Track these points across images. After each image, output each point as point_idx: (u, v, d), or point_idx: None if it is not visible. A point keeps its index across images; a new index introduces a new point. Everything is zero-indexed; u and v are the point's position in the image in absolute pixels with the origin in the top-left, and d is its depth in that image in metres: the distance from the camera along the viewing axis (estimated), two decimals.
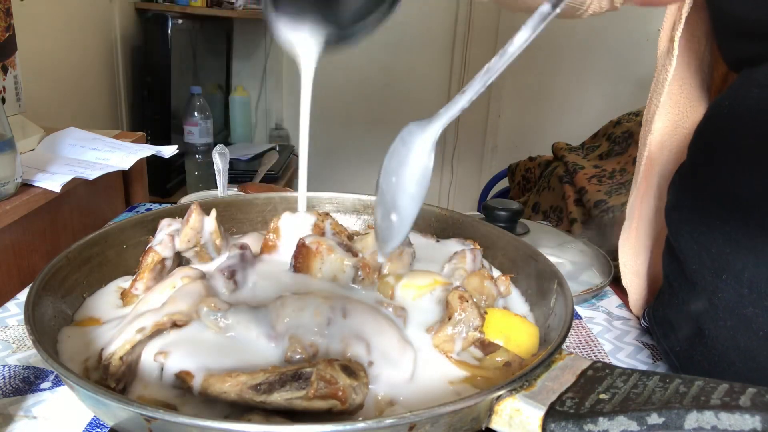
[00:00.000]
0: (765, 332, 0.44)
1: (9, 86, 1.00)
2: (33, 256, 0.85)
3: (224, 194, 0.94)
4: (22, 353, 0.54)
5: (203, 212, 0.55)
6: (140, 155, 1.01)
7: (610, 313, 0.69)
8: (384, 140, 1.16)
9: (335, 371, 0.38)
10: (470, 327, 0.47)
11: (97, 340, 0.47)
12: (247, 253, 0.54)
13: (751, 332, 0.44)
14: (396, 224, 0.38)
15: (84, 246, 0.55)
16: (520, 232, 0.80)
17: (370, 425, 0.33)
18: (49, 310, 0.48)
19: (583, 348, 0.61)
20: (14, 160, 0.77)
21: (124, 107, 2.00)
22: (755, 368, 0.45)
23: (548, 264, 0.55)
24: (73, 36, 1.70)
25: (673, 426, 0.33)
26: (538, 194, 2.25)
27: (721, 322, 0.47)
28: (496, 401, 0.38)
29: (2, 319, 0.59)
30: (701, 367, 0.50)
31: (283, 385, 0.38)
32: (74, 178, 0.87)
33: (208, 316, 0.44)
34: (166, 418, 0.33)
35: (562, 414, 0.36)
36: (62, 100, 1.63)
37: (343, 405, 0.37)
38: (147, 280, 0.53)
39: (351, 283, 0.52)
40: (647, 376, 0.39)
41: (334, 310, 0.45)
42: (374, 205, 0.43)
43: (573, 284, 0.69)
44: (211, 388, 0.39)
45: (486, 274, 0.55)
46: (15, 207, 0.77)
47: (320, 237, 0.54)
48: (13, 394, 0.48)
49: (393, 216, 0.38)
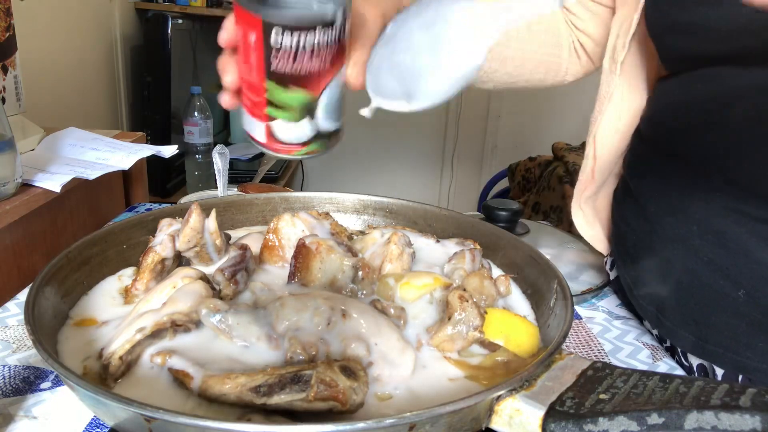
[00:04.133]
0: (708, 257, 0.56)
1: (9, 86, 1.00)
2: (33, 256, 0.85)
3: (224, 194, 0.94)
4: (22, 353, 0.54)
5: (203, 212, 0.55)
6: (140, 155, 1.01)
7: (610, 313, 0.69)
8: (384, 140, 1.18)
9: (335, 373, 0.38)
10: (470, 327, 0.47)
11: (97, 340, 0.47)
12: (248, 254, 0.54)
13: (697, 257, 0.57)
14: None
15: (84, 246, 0.55)
16: (520, 232, 0.80)
17: (370, 425, 0.33)
18: (49, 310, 0.48)
19: (583, 348, 0.61)
20: (14, 160, 0.77)
21: (124, 107, 2.00)
22: (699, 285, 0.56)
23: (548, 264, 0.55)
24: (73, 36, 1.70)
25: (673, 426, 0.33)
26: (538, 194, 2.25)
27: (674, 250, 0.59)
28: (496, 401, 0.38)
29: (2, 319, 0.59)
30: (652, 284, 0.61)
31: (282, 388, 0.38)
32: (74, 178, 0.87)
33: (208, 317, 0.44)
34: (166, 418, 0.33)
35: (562, 414, 0.36)
36: (62, 100, 1.63)
37: (344, 407, 0.37)
38: (147, 280, 0.53)
39: (351, 283, 0.52)
40: (647, 376, 0.39)
41: (334, 310, 0.45)
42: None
43: (573, 284, 0.69)
44: (210, 389, 0.39)
45: (486, 274, 0.55)
46: (15, 207, 0.77)
47: (320, 237, 0.54)
48: (13, 394, 0.48)
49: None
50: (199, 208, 0.54)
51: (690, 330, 0.57)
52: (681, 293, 0.58)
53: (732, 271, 0.54)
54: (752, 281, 0.53)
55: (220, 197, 0.81)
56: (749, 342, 0.53)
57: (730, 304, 0.54)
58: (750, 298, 0.53)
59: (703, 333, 0.56)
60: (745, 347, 0.53)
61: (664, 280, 0.60)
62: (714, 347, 0.56)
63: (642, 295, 0.63)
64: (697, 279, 0.57)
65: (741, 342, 0.54)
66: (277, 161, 2.31)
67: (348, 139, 0.48)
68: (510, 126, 2.98)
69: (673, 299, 0.59)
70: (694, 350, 0.58)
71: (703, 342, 0.56)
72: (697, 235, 0.57)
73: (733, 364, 0.55)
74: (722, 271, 0.54)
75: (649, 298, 0.62)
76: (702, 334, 0.56)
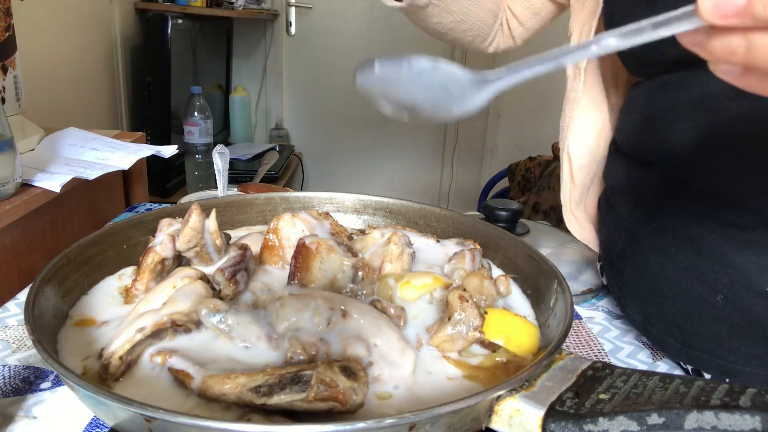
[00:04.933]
0: (685, 264, 0.56)
1: (9, 86, 1.00)
2: (33, 256, 0.85)
3: (224, 194, 0.94)
4: (22, 353, 0.54)
5: (203, 212, 0.55)
6: (140, 155, 1.01)
7: (610, 312, 0.69)
8: (384, 140, 1.18)
9: (335, 374, 0.38)
10: (470, 327, 0.47)
11: (97, 340, 0.47)
12: (248, 254, 0.54)
13: (675, 265, 0.57)
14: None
15: (84, 246, 0.55)
16: (520, 232, 0.80)
17: (370, 425, 0.33)
18: (49, 310, 0.48)
19: (583, 348, 0.61)
20: (14, 160, 0.77)
21: (124, 107, 2.00)
22: (679, 292, 0.57)
23: (548, 264, 0.55)
24: (73, 36, 1.70)
25: (673, 426, 0.33)
26: (538, 194, 2.25)
27: (653, 259, 0.59)
28: (496, 401, 0.38)
29: (2, 319, 0.59)
30: (637, 293, 0.62)
31: (282, 388, 0.38)
32: (74, 178, 0.87)
33: (208, 317, 0.44)
34: (166, 418, 0.33)
35: (562, 414, 0.36)
36: (62, 100, 1.63)
37: (344, 407, 0.37)
38: (147, 280, 0.53)
39: (351, 283, 0.52)
40: (647, 376, 0.39)
41: (334, 310, 0.45)
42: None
43: (573, 284, 0.69)
44: (210, 389, 0.39)
45: (486, 274, 0.55)
46: (15, 207, 0.77)
47: (320, 237, 0.54)
48: (13, 394, 0.48)
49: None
50: (199, 208, 0.54)
51: (675, 337, 0.57)
52: (664, 301, 0.58)
53: (709, 276, 0.54)
54: (729, 286, 0.53)
55: (220, 197, 0.81)
56: (731, 346, 0.53)
57: (709, 309, 0.54)
58: (728, 303, 0.53)
59: (687, 339, 0.56)
60: (728, 351, 0.54)
61: (647, 289, 0.60)
62: (698, 353, 0.56)
63: (629, 303, 0.63)
64: (677, 286, 0.57)
65: (724, 346, 0.54)
66: (277, 161, 2.31)
67: (348, 139, 0.48)
68: (510, 126, 2.98)
69: (657, 307, 0.59)
70: (680, 356, 0.58)
71: (688, 348, 0.56)
72: (673, 243, 0.57)
73: (718, 368, 0.55)
74: (699, 278, 0.55)
75: (635, 306, 0.62)
76: (686, 341, 0.56)
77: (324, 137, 3.05)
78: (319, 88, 2.98)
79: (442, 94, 0.35)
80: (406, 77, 0.35)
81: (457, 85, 0.34)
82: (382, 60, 0.36)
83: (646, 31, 0.28)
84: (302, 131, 3.06)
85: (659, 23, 0.28)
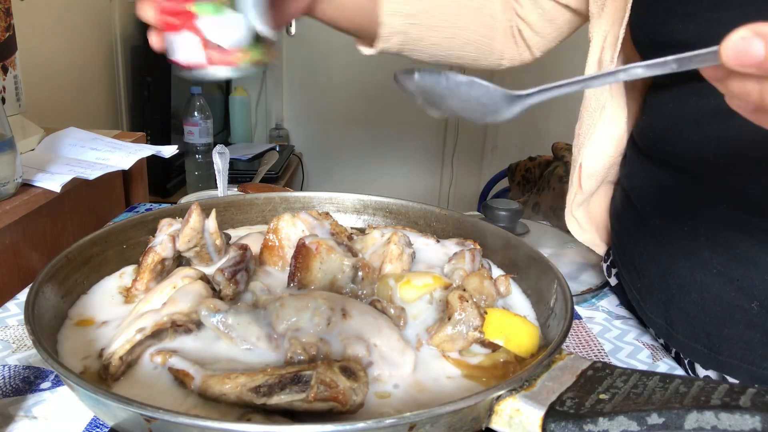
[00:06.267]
0: (718, 269, 0.55)
1: (9, 86, 1.00)
2: (33, 256, 0.85)
3: (224, 194, 0.94)
4: (22, 353, 0.54)
5: (203, 212, 0.55)
6: (140, 155, 1.01)
7: (610, 312, 0.69)
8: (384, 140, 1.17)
9: (335, 374, 0.38)
10: (470, 327, 0.47)
11: (97, 339, 0.47)
12: (248, 254, 0.54)
13: (707, 270, 0.56)
14: None
15: (84, 246, 0.55)
16: (520, 232, 0.80)
17: (370, 425, 0.33)
18: (49, 310, 0.48)
19: (583, 348, 0.61)
20: (14, 160, 0.77)
21: (124, 107, 2.00)
22: (709, 297, 0.56)
23: (548, 264, 0.55)
24: (73, 36, 1.70)
25: (673, 426, 0.33)
26: (538, 194, 2.25)
27: (681, 262, 0.58)
28: (496, 401, 0.38)
29: (2, 319, 0.59)
30: (660, 297, 0.61)
31: (282, 388, 0.38)
32: (74, 178, 0.87)
33: (208, 317, 0.44)
34: (166, 418, 0.33)
35: (562, 414, 0.36)
36: (62, 100, 1.63)
37: (344, 407, 0.37)
38: (147, 280, 0.53)
39: (351, 283, 0.52)
40: (647, 376, 0.39)
41: (334, 310, 0.45)
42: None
43: (573, 284, 0.69)
44: (211, 389, 0.39)
45: (486, 274, 0.55)
46: (15, 207, 0.77)
47: (320, 237, 0.54)
48: (13, 394, 0.48)
49: None
50: (199, 208, 0.54)
51: (702, 342, 0.57)
52: (691, 306, 0.57)
53: (745, 282, 0.53)
54: (766, 293, 0.52)
55: (220, 197, 0.81)
56: (765, 353, 0.53)
57: (743, 315, 0.54)
58: (764, 310, 0.52)
59: (716, 345, 0.55)
60: (762, 358, 0.53)
61: (672, 293, 0.59)
62: (728, 359, 0.55)
63: (649, 307, 0.62)
64: (707, 291, 0.56)
65: (757, 353, 0.53)
66: (277, 161, 2.31)
67: (348, 139, 0.48)
68: (510, 126, 2.98)
69: (682, 312, 0.58)
70: (706, 362, 0.57)
71: (716, 354, 0.56)
72: (706, 247, 0.56)
73: (749, 374, 0.54)
74: (734, 283, 0.54)
75: (656, 310, 0.61)
76: (715, 346, 0.56)
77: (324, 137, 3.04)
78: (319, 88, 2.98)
79: (476, 105, 0.39)
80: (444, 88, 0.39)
81: (490, 99, 0.38)
82: (422, 72, 0.40)
83: (670, 65, 0.32)
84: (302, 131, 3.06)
85: (684, 60, 0.32)
